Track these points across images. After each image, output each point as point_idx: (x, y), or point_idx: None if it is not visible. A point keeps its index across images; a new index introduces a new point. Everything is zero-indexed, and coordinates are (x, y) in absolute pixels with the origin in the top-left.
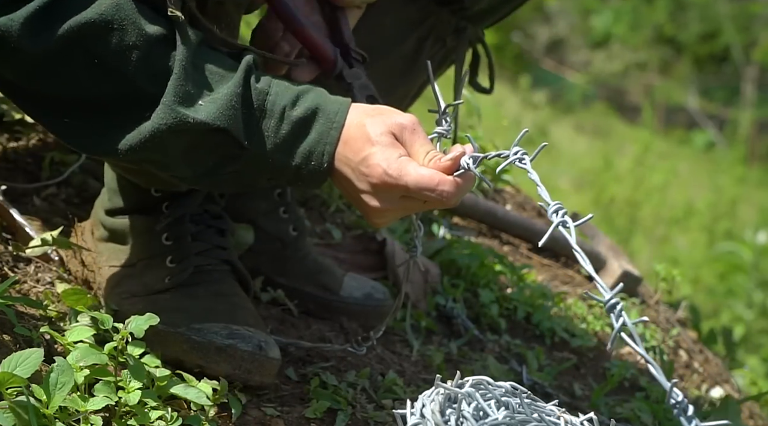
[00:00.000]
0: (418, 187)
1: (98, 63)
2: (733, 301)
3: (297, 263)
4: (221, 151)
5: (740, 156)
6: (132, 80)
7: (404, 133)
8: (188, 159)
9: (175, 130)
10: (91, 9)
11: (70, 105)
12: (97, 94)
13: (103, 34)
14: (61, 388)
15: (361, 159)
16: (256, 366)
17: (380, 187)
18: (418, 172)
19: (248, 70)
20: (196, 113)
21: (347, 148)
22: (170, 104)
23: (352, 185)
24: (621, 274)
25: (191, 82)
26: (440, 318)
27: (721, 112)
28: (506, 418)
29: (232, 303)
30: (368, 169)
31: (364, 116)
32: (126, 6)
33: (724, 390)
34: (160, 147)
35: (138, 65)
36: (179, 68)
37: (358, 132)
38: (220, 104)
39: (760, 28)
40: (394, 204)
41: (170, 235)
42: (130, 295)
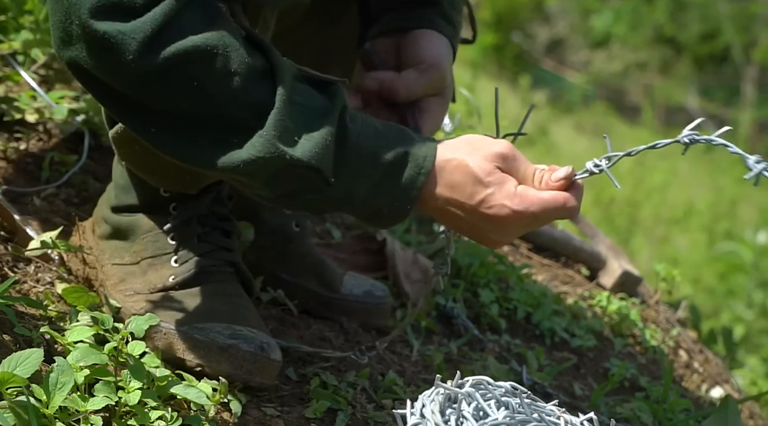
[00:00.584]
0: (545, 212)
1: (197, 86)
2: (733, 301)
3: (300, 258)
4: (306, 181)
5: None
6: (227, 107)
7: (507, 162)
8: (273, 184)
9: (270, 163)
10: (198, 35)
11: (160, 117)
12: (190, 113)
13: (206, 61)
14: (61, 388)
15: (478, 202)
16: (257, 367)
17: (508, 223)
18: (541, 199)
19: (343, 107)
20: (293, 150)
21: (456, 192)
22: (270, 139)
23: (471, 226)
24: (621, 274)
25: (289, 118)
26: (440, 318)
27: (721, 112)
28: (506, 418)
29: (235, 304)
30: (492, 210)
31: (462, 154)
32: (231, 35)
33: (724, 390)
34: (250, 173)
35: (235, 94)
36: (281, 103)
37: (463, 174)
38: (316, 142)
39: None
40: (519, 232)
41: (176, 235)
42: (134, 292)
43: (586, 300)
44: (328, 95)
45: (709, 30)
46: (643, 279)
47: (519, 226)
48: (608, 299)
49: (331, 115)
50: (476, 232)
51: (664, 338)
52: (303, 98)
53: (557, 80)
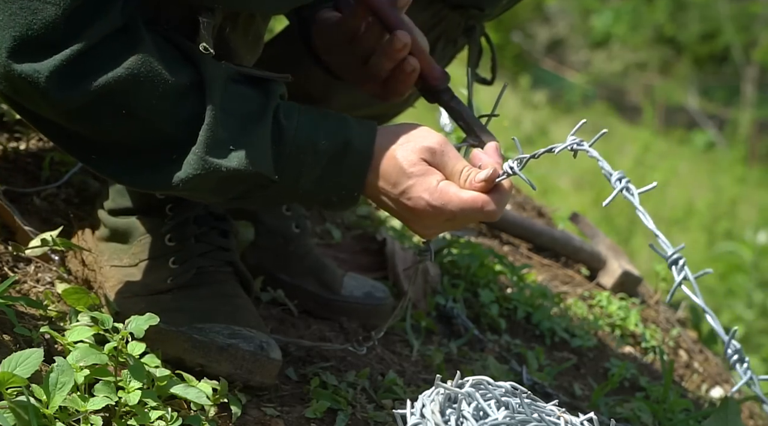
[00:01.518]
0: (463, 212)
1: (126, 114)
2: (733, 301)
3: (299, 259)
4: (251, 184)
5: (740, 156)
6: (160, 128)
7: (435, 157)
8: (219, 192)
9: (207, 178)
10: (119, 65)
11: (98, 145)
12: (125, 140)
13: (131, 89)
14: (61, 388)
15: (400, 192)
16: (257, 366)
17: (426, 216)
18: (460, 198)
19: (276, 107)
20: (228, 162)
21: (383, 180)
22: (202, 155)
23: (395, 213)
24: (621, 274)
25: (221, 128)
26: (440, 318)
27: (721, 112)
28: (506, 418)
29: (234, 304)
30: (411, 202)
31: (394, 146)
32: (152, 58)
33: (724, 390)
34: (193, 189)
35: (167, 114)
36: (209, 117)
37: (391, 164)
38: (251, 149)
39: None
40: (440, 227)
41: (173, 236)
42: (132, 294)
43: (586, 300)
44: (263, 93)
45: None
46: (643, 279)
47: (438, 221)
48: (608, 299)
49: (265, 116)
50: (403, 221)
51: (664, 338)
52: (236, 103)
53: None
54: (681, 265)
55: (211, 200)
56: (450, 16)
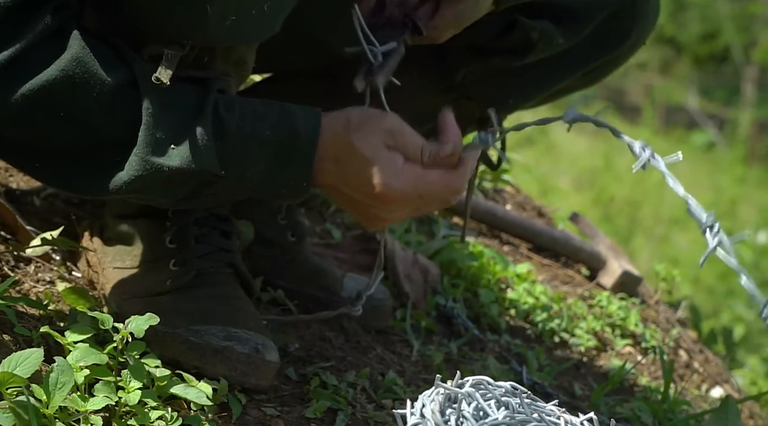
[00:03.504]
0: (432, 194)
1: (64, 117)
2: (733, 301)
3: (295, 267)
4: (198, 182)
5: (740, 156)
6: (99, 130)
7: (395, 137)
8: (165, 193)
9: (150, 179)
10: (53, 67)
11: (39, 152)
12: (65, 144)
13: (66, 91)
14: (61, 388)
15: (363, 181)
16: (252, 368)
17: (392, 201)
18: (428, 180)
19: (216, 102)
20: (170, 161)
21: (341, 168)
22: (143, 156)
23: (355, 202)
24: (621, 274)
25: (161, 127)
26: (440, 318)
27: (721, 112)
28: (506, 418)
29: (233, 306)
30: (375, 189)
31: (347, 132)
32: (86, 59)
33: (724, 390)
34: (138, 191)
35: (105, 115)
36: (147, 116)
37: (348, 150)
38: (192, 146)
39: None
40: (404, 212)
41: (174, 238)
42: (131, 296)
43: (586, 300)
44: (201, 88)
45: (709, 30)
46: (643, 279)
47: (405, 205)
48: (608, 299)
49: (204, 112)
50: (363, 209)
51: (664, 338)
52: (173, 100)
53: None
54: (716, 230)
55: (159, 202)
56: (464, 106)
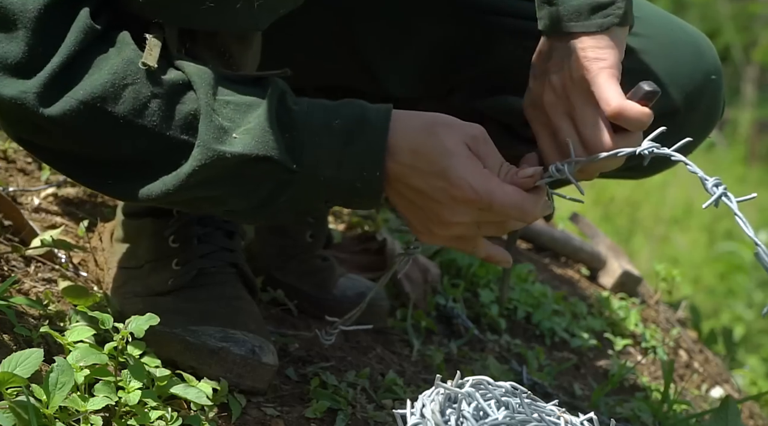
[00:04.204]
0: (503, 206)
1: (123, 123)
2: (733, 301)
3: (299, 264)
4: (270, 178)
5: (740, 156)
6: (161, 132)
7: (478, 145)
8: (238, 191)
9: (214, 167)
10: (104, 70)
11: (104, 163)
12: (130, 154)
13: (119, 92)
14: (61, 388)
15: (438, 170)
16: (247, 370)
17: (462, 201)
18: (503, 191)
19: (281, 92)
20: (232, 147)
21: (418, 157)
22: (205, 144)
23: (422, 196)
24: (621, 274)
25: (221, 117)
26: (440, 318)
27: None
28: (506, 418)
29: (234, 306)
30: (449, 183)
31: (435, 125)
32: (134, 61)
33: (724, 390)
34: (202, 185)
35: (162, 115)
36: (206, 107)
37: (430, 141)
38: (256, 133)
39: (760, 28)
40: (466, 218)
41: (177, 237)
42: (133, 295)
43: (586, 300)
44: (261, 87)
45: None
46: (643, 279)
47: (470, 210)
48: (608, 299)
49: (268, 103)
50: (425, 208)
51: (664, 338)
52: (233, 97)
53: None
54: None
55: (237, 208)
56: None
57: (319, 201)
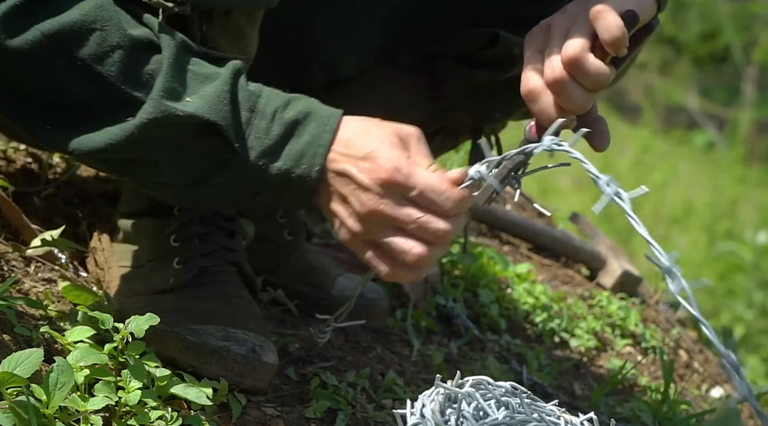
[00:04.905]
0: (426, 187)
1: (80, 66)
2: (733, 301)
3: (289, 266)
4: (210, 155)
5: (740, 156)
6: (116, 84)
7: (410, 140)
8: (176, 159)
9: (163, 123)
10: (74, 9)
11: (49, 106)
12: (79, 99)
13: (85, 35)
14: (61, 388)
15: (365, 154)
16: (248, 369)
17: (387, 184)
18: (427, 175)
19: (236, 71)
20: (184, 107)
21: (350, 146)
22: (158, 99)
23: (350, 182)
24: (621, 274)
25: (178, 82)
26: (440, 318)
27: (721, 112)
28: (506, 418)
29: (235, 305)
30: (375, 165)
31: (370, 123)
32: (108, 7)
33: (724, 390)
34: (145, 142)
35: (122, 68)
36: (167, 66)
37: (362, 133)
38: (210, 99)
39: (760, 28)
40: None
41: (178, 236)
42: (134, 293)
43: (586, 300)
44: (220, 64)
45: (709, 30)
46: (643, 279)
47: (395, 195)
48: (608, 299)
49: (224, 77)
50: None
51: (664, 338)
52: (194, 66)
53: None
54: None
55: (168, 179)
56: (455, 115)
57: (251, 190)
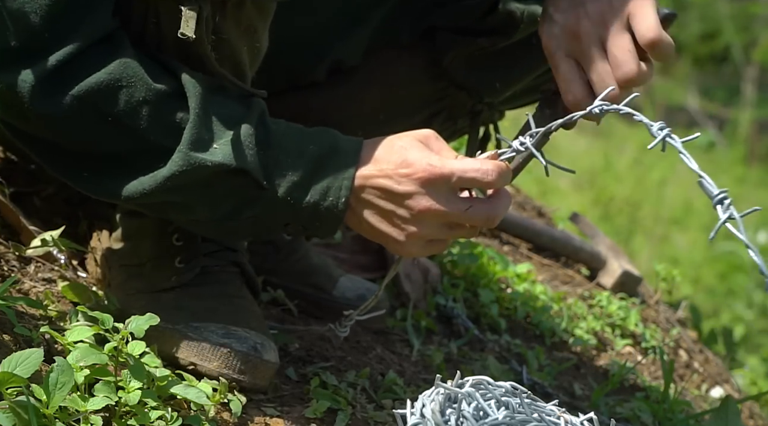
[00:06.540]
0: (463, 169)
1: (111, 121)
2: (733, 301)
3: (289, 266)
4: (240, 193)
5: (740, 156)
6: (146, 135)
7: (430, 140)
8: (207, 200)
9: (192, 173)
10: (102, 71)
11: (84, 157)
12: (112, 150)
13: (113, 93)
14: (61, 388)
15: (400, 162)
16: (249, 367)
17: (428, 181)
18: (461, 162)
19: (261, 112)
20: (212, 156)
21: (379, 162)
22: (186, 151)
23: (389, 195)
24: (621, 274)
25: (206, 128)
26: (440, 318)
27: (721, 112)
28: (506, 418)
29: (236, 304)
30: (411, 169)
31: (390, 137)
32: (132, 64)
33: (724, 390)
34: (177, 189)
35: (150, 120)
36: (194, 116)
37: (387, 148)
38: (236, 145)
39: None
40: (440, 201)
41: (181, 235)
42: (135, 292)
43: (586, 300)
44: (245, 105)
45: (709, 30)
46: (643, 279)
47: (440, 189)
48: (608, 299)
49: (249, 119)
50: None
51: (664, 338)
52: (218, 108)
53: None
54: (726, 205)
55: (202, 217)
56: (454, 95)
57: (280, 222)
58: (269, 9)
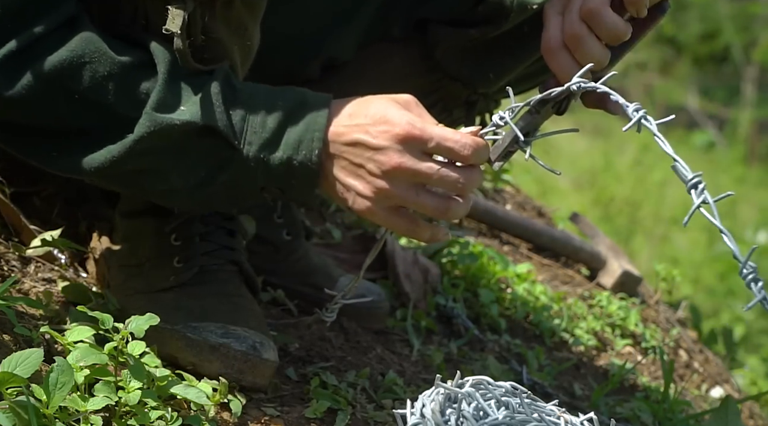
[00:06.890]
0: (442, 137)
1: (78, 98)
2: (733, 301)
3: (289, 266)
4: (212, 154)
5: (740, 156)
6: (113, 109)
7: (410, 105)
8: (180, 165)
9: (160, 134)
10: (63, 48)
11: (53, 136)
12: (80, 126)
13: (77, 70)
14: (61, 388)
15: (376, 119)
16: (248, 366)
17: (405, 139)
18: (441, 128)
19: (226, 73)
20: (180, 115)
21: (355, 117)
22: (151, 112)
23: (363, 148)
24: (621, 274)
25: (172, 92)
26: (440, 318)
27: (721, 112)
28: (506, 418)
29: (235, 304)
30: (389, 125)
31: (367, 97)
32: (93, 38)
33: (724, 390)
34: (147, 154)
35: (117, 94)
36: (161, 80)
37: (364, 103)
38: (203, 104)
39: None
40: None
41: (179, 235)
42: (135, 292)
43: (586, 300)
44: (209, 73)
45: (709, 30)
46: (643, 279)
47: (415, 150)
48: (608, 299)
49: (214, 79)
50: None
51: (664, 338)
52: (185, 75)
53: None
54: (701, 189)
55: (173, 184)
56: (449, 86)
57: (256, 185)
58: (259, 7)
